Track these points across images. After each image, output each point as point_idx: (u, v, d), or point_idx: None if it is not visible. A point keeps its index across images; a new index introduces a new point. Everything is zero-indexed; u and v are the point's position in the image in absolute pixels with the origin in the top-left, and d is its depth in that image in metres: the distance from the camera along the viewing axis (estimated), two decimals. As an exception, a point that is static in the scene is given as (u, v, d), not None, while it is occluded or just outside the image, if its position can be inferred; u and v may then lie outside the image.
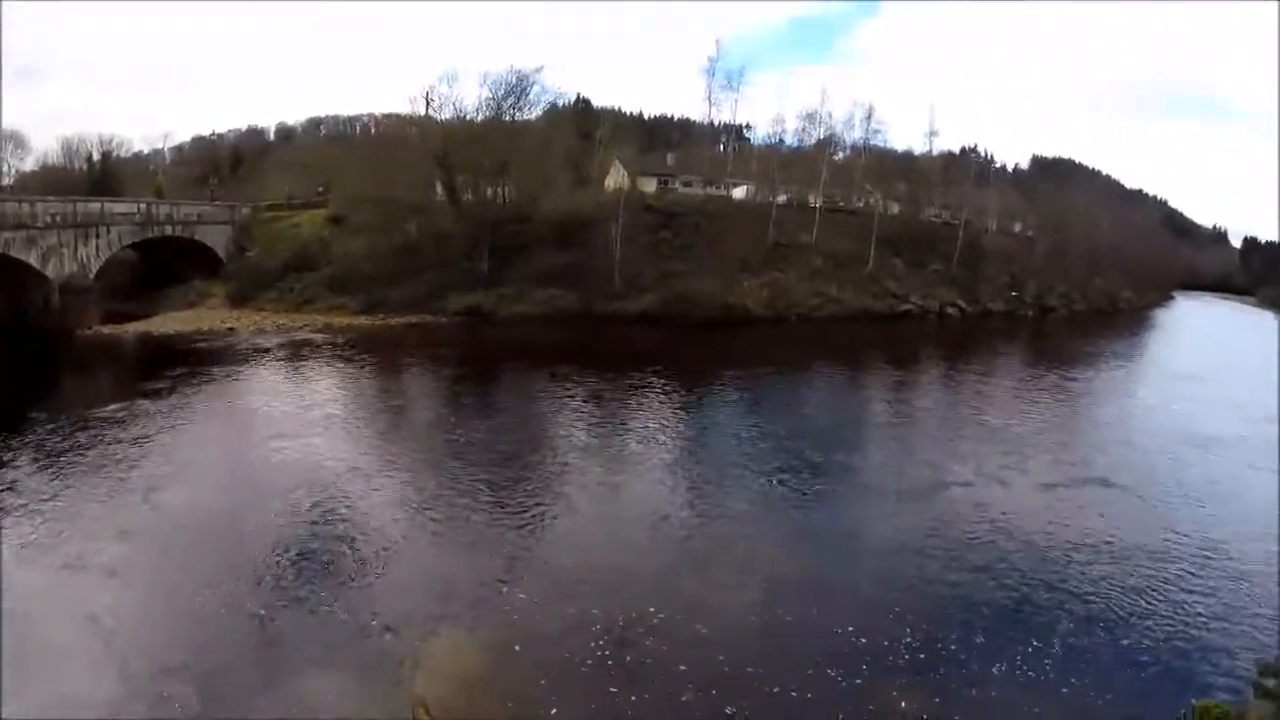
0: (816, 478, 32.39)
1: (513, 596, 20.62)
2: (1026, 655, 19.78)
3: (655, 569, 22.93)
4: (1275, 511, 32.87)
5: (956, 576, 24.14)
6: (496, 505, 26.76)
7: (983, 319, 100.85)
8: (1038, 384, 59.52)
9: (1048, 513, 30.22)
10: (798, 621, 20.23)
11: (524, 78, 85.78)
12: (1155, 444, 43.02)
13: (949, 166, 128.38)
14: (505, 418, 39.04)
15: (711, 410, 43.59)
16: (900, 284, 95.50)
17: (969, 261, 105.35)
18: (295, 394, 40.53)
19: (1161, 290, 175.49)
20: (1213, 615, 23.17)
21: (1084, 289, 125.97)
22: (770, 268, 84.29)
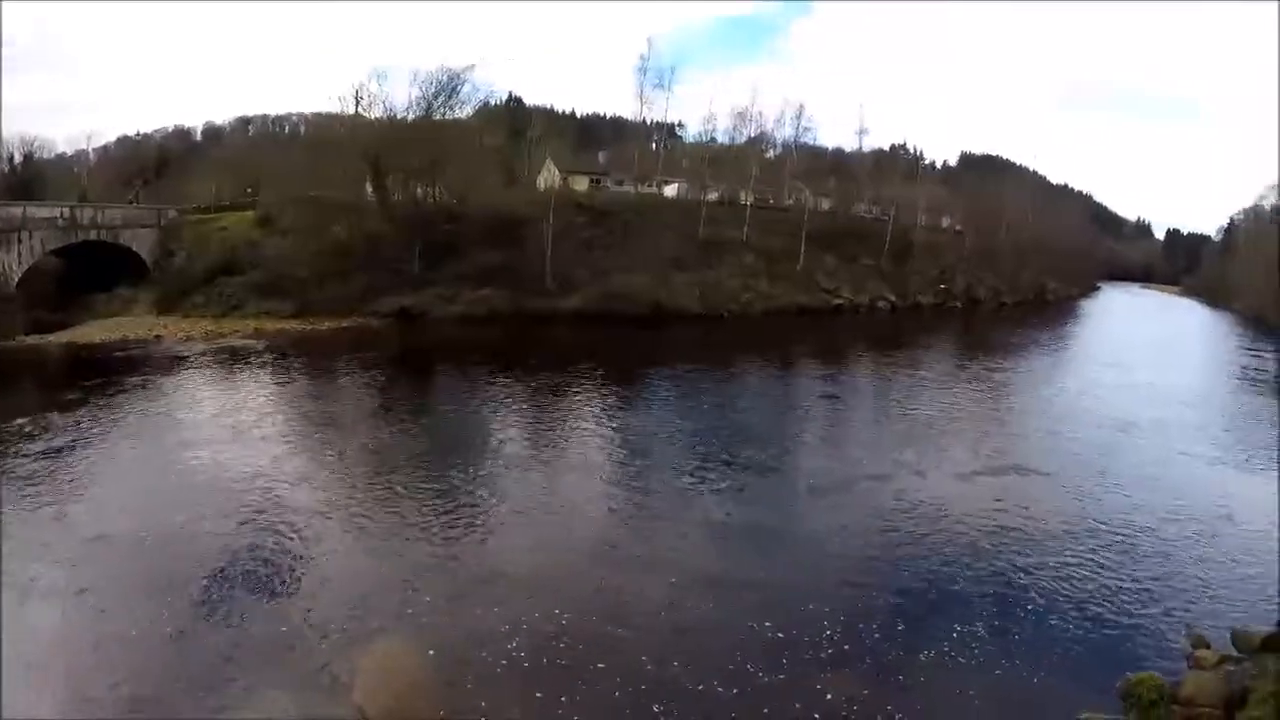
0: (745, 474, 32.50)
1: (448, 601, 20.37)
2: (955, 640, 20.05)
3: (585, 569, 22.80)
4: (1192, 490, 34.29)
5: (882, 567, 24.42)
6: (429, 510, 26.32)
7: (913, 312, 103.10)
8: (965, 375, 60.84)
9: (973, 501, 30.71)
10: (724, 617, 20.31)
11: (455, 76, 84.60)
12: (1077, 430, 44.14)
13: (879, 163, 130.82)
14: (437, 422, 38.59)
15: (642, 408, 43.53)
16: (831, 279, 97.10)
17: (899, 256, 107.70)
18: (222, 403, 39.07)
19: (1087, 281, 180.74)
20: (1141, 592, 23.89)
21: (1012, 281, 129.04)
22: (702, 265, 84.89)
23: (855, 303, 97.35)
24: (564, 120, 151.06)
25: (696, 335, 72.87)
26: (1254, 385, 66.39)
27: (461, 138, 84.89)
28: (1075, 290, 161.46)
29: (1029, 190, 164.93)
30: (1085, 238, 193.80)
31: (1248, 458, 41.42)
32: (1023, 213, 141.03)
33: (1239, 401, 58.54)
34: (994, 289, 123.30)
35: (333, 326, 62.23)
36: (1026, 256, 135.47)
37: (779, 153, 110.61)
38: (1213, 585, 24.90)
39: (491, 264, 69.92)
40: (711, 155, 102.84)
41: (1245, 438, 45.73)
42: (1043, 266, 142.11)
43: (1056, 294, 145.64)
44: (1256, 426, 49.59)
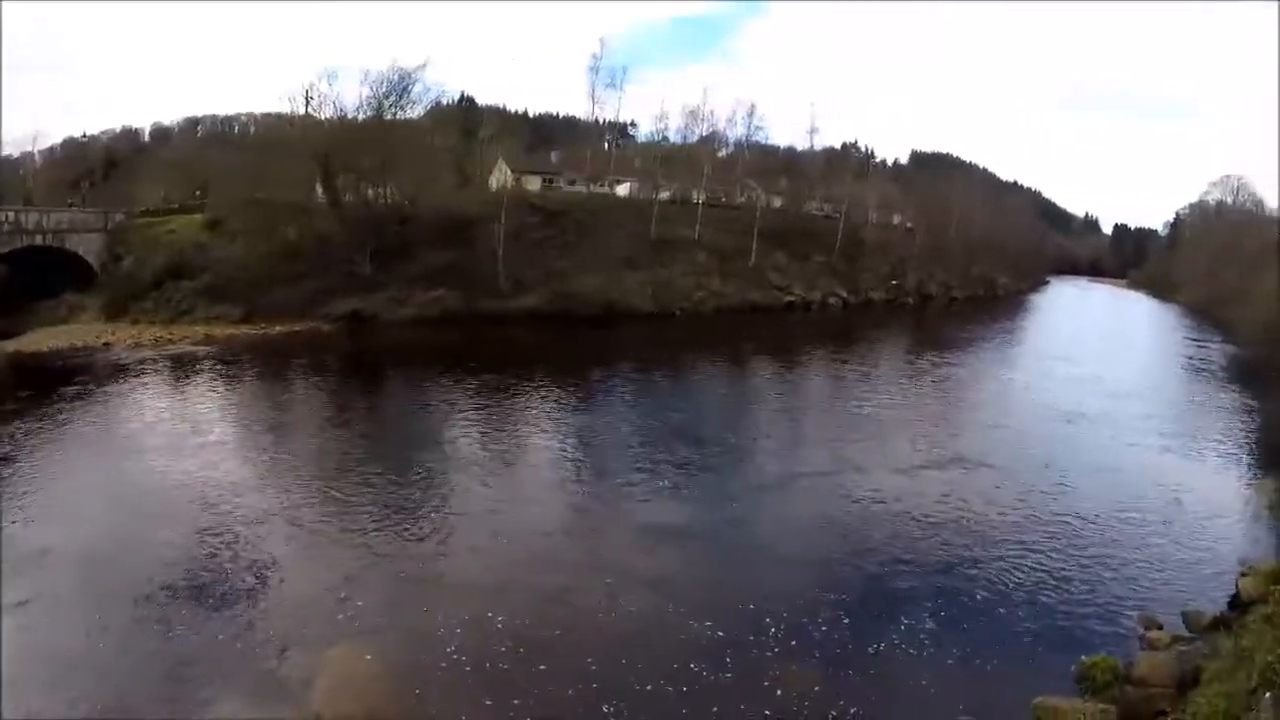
0: (695, 473, 32.68)
1: (401, 606, 20.33)
2: (907, 632, 20.46)
3: (536, 571, 22.72)
4: (1139, 478, 35.43)
5: (833, 562, 24.70)
6: (381, 516, 26.17)
7: (865, 308, 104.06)
8: (915, 370, 61.95)
9: (923, 495, 31.19)
10: (673, 616, 20.44)
11: (406, 75, 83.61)
12: (1026, 423, 45.14)
13: (830, 161, 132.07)
14: (389, 426, 38.52)
15: (593, 409, 43.64)
16: (783, 276, 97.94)
17: (850, 253, 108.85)
18: (171, 412, 38.32)
19: (1037, 275, 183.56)
20: (1092, 578, 24.55)
21: (962, 276, 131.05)
22: (654, 264, 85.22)
23: (807, 300, 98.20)
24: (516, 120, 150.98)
25: (649, 334, 73.16)
26: (1199, 375, 68.42)
27: (413, 138, 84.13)
28: (1025, 284, 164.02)
29: (979, 187, 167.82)
30: (1034, 233, 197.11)
31: (1193, 445, 42.82)
32: (973, 209, 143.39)
33: (1184, 391, 60.39)
34: (945, 284, 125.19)
35: (284, 331, 61.20)
36: (977, 252, 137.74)
37: (731, 151, 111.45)
38: (1162, 569, 25.68)
39: (443, 265, 69.55)
40: (664, 154, 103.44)
41: (1190, 426, 47.18)
42: (993, 261, 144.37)
43: (1007, 288, 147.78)
44: (1201, 415, 51.26)
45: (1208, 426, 47.59)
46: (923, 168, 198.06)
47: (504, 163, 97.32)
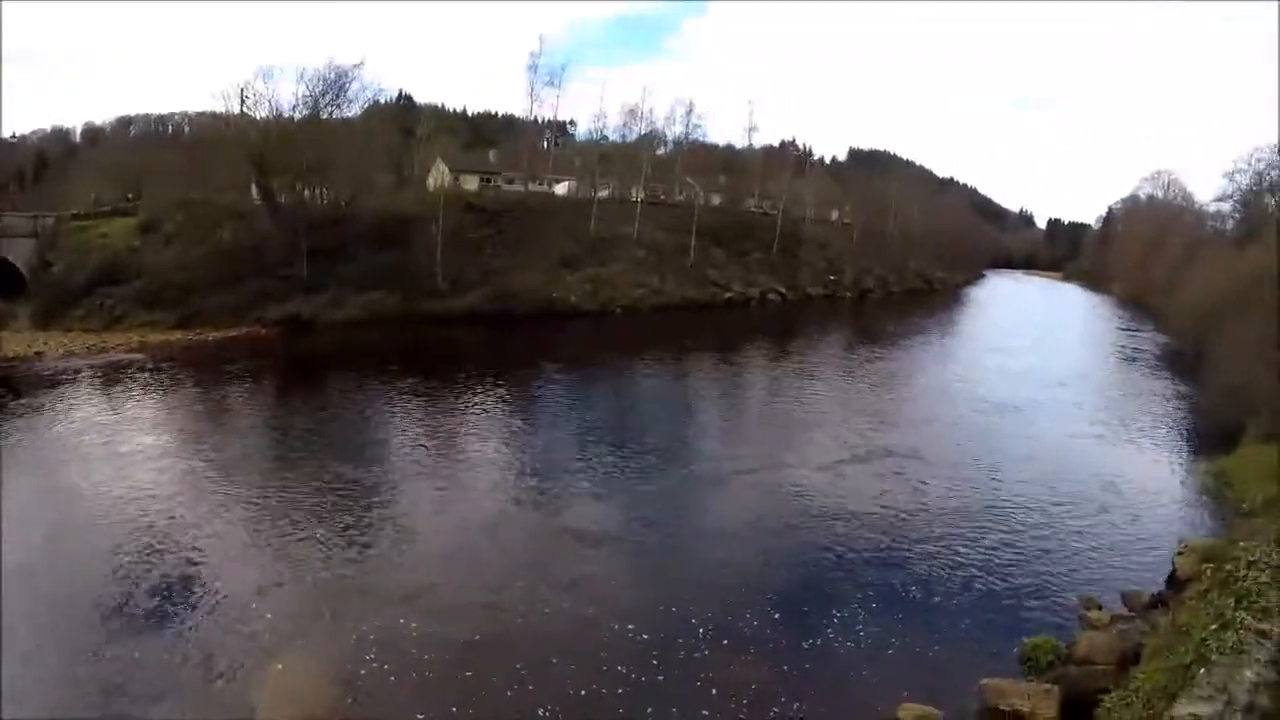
0: (637, 472, 32.86)
1: (343, 615, 20.11)
2: (852, 622, 20.91)
3: (477, 577, 22.63)
4: (1076, 465, 36.84)
5: (775, 557, 25.12)
6: (322, 525, 25.90)
7: (803, 303, 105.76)
8: (853, 365, 63.13)
9: (864, 488, 31.82)
10: (616, 616, 20.50)
11: (343, 74, 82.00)
12: (963, 414, 46.46)
13: (769, 159, 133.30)
14: (327, 433, 37.62)
15: (534, 410, 43.77)
16: (722, 273, 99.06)
17: (788, 249, 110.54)
18: (106, 423, 37.24)
19: (973, 269, 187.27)
20: (1032, 563, 25.45)
21: (899, 271, 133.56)
22: (593, 262, 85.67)
23: (746, 296, 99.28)
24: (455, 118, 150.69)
25: (589, 332, 73.71)
26: (1131, 364, 71.17)
27: (350, 137, 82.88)
28: (961, 278, 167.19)
29: (916, 184, 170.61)
30: (971, 228, 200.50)
31: (1128, 432, 44.64)
32: (910, 205, 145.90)
33: (1118, 380, 62.86)
34: (882, 279, 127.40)
35: (220, 336, 60.19)
36: (914, 247, 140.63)
37: (670, 150, 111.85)
38: (1101, 552, 26.78)
39: (381, 266, 69.07)
40: (603, 153, 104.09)
41: (1125, 414, 49.05)
42: (930, 256, 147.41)
43: (943, 282, 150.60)
44: (1135, 402, 53.31)
45: (1141, 413, 49.54)
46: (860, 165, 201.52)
47: (442, 162, 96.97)
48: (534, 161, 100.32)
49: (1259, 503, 27.71)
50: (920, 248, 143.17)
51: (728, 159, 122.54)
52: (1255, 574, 15.48)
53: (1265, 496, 27.73)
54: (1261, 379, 39.41)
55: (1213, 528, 28.93)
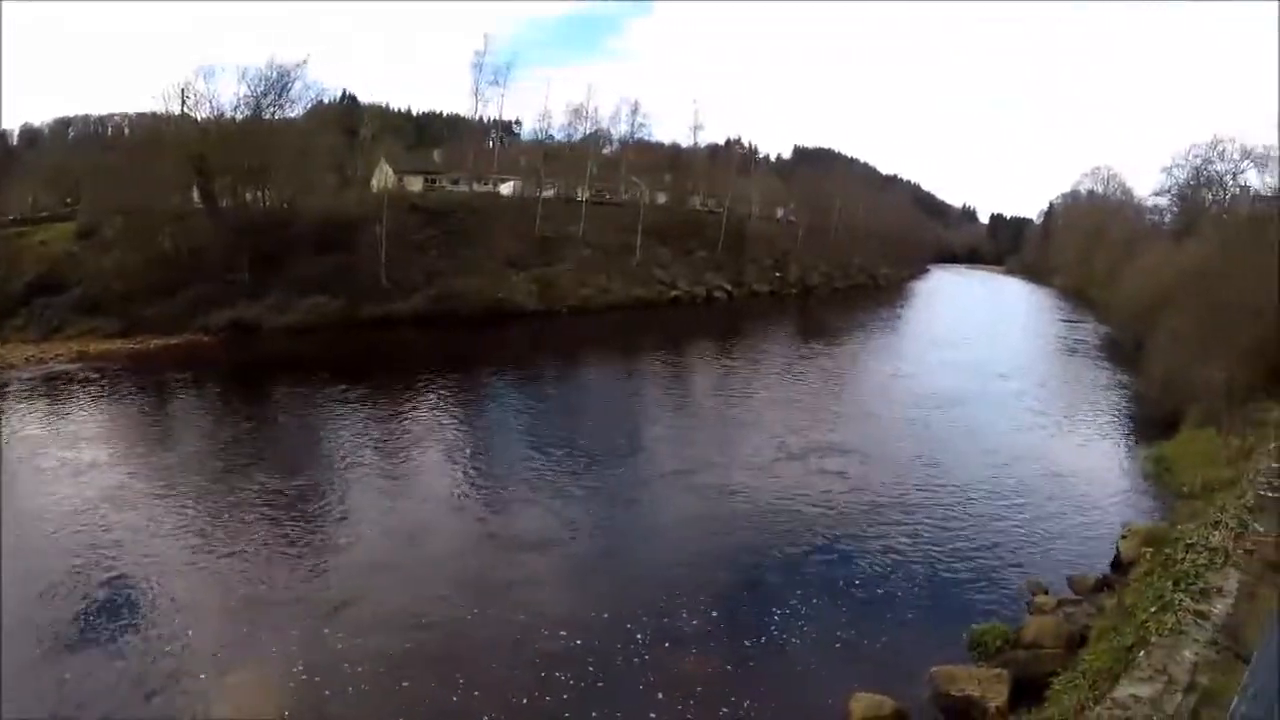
0: (584, 473, 32.69)
1: (289, 629, 19.71)
2: (804, 614, 21.09)
3: (424, 586, 22.30)
4: (1019, 454, 37.64)
5: (725, 553, 25.14)
6: (271, 536, 25.41)
7: (749, 300, 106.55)
8: (798, 361, 63.65)
9: (809, 484, 32.00)
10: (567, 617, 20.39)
11: (285, 73, 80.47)
12: (909, 407, 47.13)
13: (714, 158, 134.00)
14: (275, 441, 37.22)
15: (482, 413, 43.72)
16: (668, 271, 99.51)
17: (734, 247, 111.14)
18: (46, 436, 36.17)
19: (917, 264, 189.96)
20: (979, 551, 25.91)
21: (844, 267, 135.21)
22: (539, 262, 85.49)
23: (692, 294, 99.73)
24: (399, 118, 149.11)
25: (535, 334, 73.29)
26: (1073, 354, 73.10)
27: (292, 138, 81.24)
28: (906, 273, 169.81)
29: (860, 181, 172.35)
30: (914, 224, 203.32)
31: (1071, 421, 45.78)
32: (854, 202, 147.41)
33: (1060, 370, 64.68)
34: (827, 275, 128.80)
35: (162, 344, 58.51)
36: (858, 243, 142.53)
37: (615, 149, 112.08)
38: (1047, 538, 27.38)
39: (325, 270, 68.03)
40: (548, 152, 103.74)
41: (1067, 403, 50.49)
42: (874, 252, 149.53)
43: (888, 277, 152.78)
44: (1077, 392, 54.91)
45: (1084, 403, 50.85)
46: (805, 163, 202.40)
47: (386, 163, 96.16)
48: (479, 161, 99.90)
49: (1198, 486, 28.60)
50: (864, 244, 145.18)
51: (673, 158, 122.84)
52: (1193, 557, 15.97)
53: (1204, 480, 28.65)
54: (1198, 368, 40.55)
55: (1154, 511, 29.77)
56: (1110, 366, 63.96)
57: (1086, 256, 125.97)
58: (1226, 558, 15.01)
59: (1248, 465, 25.14)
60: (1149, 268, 71.11)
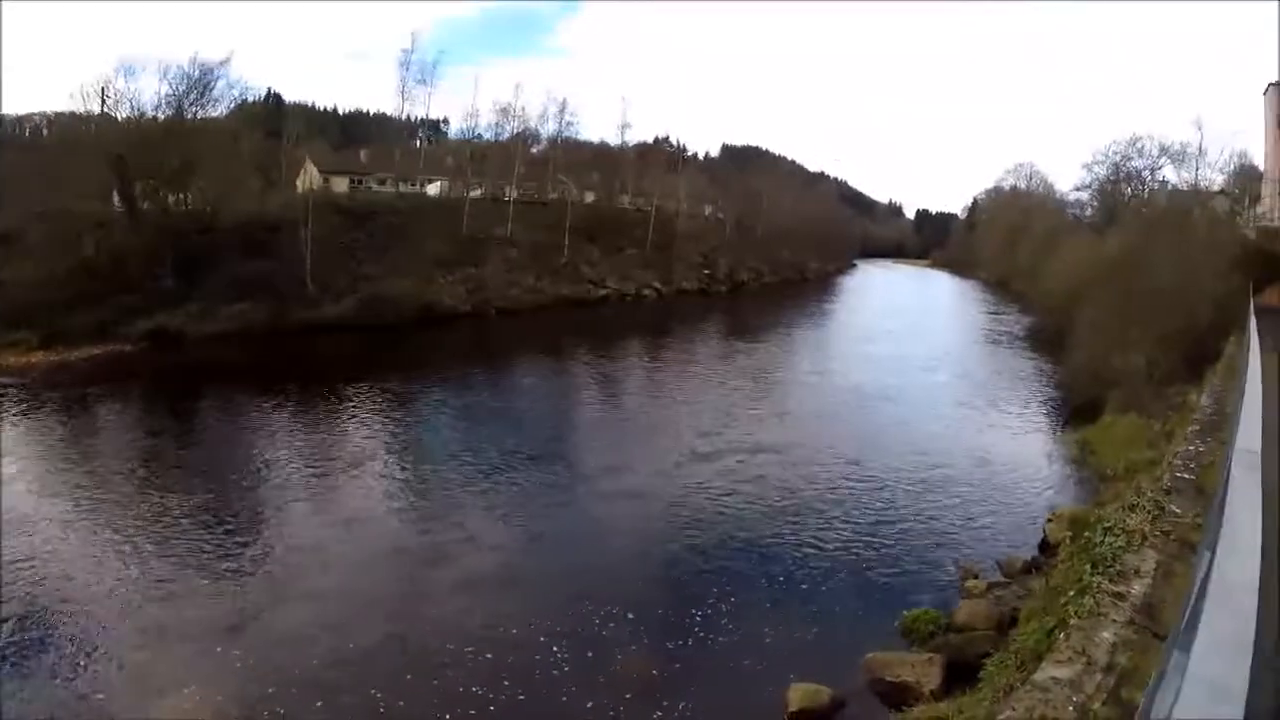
0: (520, 476, 32.25)
1: (235, 647, 19.04)
2: (737, 608, 21.11)
3: (363, 601, 21.66)
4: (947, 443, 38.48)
5: (656, 552, 24.75)
6: (204, 552, 24.28)
7: (678, 298, 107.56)
8: (725, 359, 64.30)
9: (738, 480, 31.80)
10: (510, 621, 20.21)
11: (207, 71, 78.03)
12: (836, 401, 47.89)
13: (642, 156, 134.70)
14: (202, 453, 35.99)
15: (415, 418, 43.00)
16: (596, 270, 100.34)
17: (663, 245, 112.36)
18: None
19: (845, 258, 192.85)
20: (910, 539, 26.23)
21: (772, 262, 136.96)
22: (467, 263, 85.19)
23: (622, 292, 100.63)
24: (325, 117, 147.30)
25: (464, 336, 73.04)
26: (998, 345, 75.01)
27: (216, 139, 78.60)
28: (833, 267, 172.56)
29: (786, 178, 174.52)
30: (842, 219, 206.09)
31: (997, 409, 46.84)
32: (781, 198, 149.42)
33: (985, 360, 66.17)
34: (756, 271, 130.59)
35: (83, 356, 55.77)
36: (786, 239, 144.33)
37: (543, 148, 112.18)
38: (976, 524, 27.86)
39: (250, 275, 66.13)
40: (475, 151, 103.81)
41: (993, 392, 51.57)
42: (802, 247, 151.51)
43: (816, 272, 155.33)
44: (1002, 380, 56.29)
45: (1009, 391, 52.13)
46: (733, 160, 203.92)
47: (311, 163, 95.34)
48: (405, 161, 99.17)
49: (1121, 469, 28.76)
50: (793, 239, 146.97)
51: (601, 156, 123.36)
52: (1111, 540, 15.78)
53: (1127, 463, 28.85)
54: (1119, 354, 42.03)
55: (1080, 494, 30.46)
56: (1034, 356, 65.67)
57: (1010, 249, 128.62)
58: (1144, 539, 15.00)
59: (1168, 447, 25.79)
60: (1071, 259, 72.68)
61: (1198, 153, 79.90)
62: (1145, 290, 44.26)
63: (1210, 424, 22.11)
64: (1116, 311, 45.73)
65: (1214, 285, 44.84)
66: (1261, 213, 69.03)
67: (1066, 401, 47.58)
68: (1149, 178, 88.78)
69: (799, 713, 16.59)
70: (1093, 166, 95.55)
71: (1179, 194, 78.58)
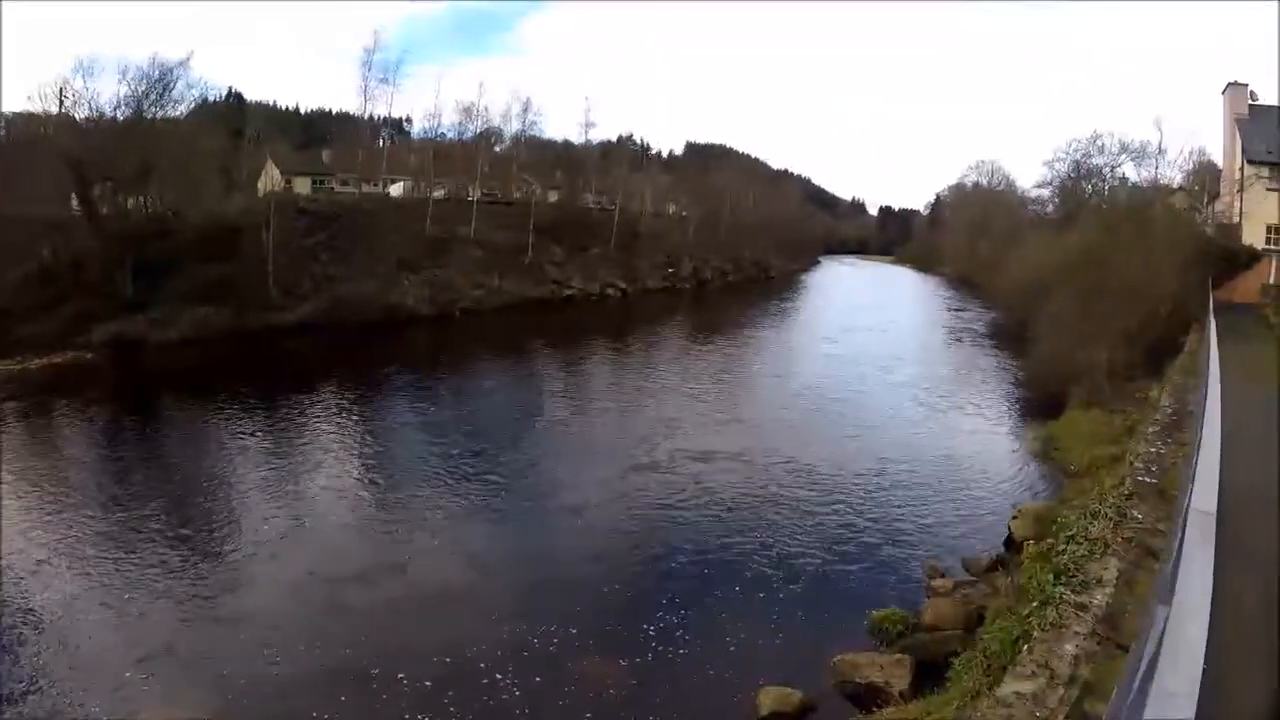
0: (486, 478, 32.23)
1: (203, 655, 19.14)
2: (705, 611, 21.37)
3: (331, 604, 21.85)
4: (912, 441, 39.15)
5: (624, 555, 25.27)
6: (169, 561, 24.26)
7: (643, 296, 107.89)
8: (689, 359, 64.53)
9: (706, 481, 31.80)
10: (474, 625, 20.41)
11: (167, 71, 76.49)
12: (800, 400, 47.95)
13: (606, 155, 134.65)
14: (163, 462, 35.34)
15: (380, 422, 43.01)
16: (561, 270, 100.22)
17: (626, 244, 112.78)
18: None
19: (808, 256, 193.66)
20: (877, 538, 26.50)
21: (736, 260, 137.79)
22: (430, 264, 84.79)
23: (586, 292, 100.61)
24: (287, 117, 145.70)
25: (430, 337, 72.77)
26: (961, 340, 76.19)
27: (176, 140, 76.39)
28: (797, 265, 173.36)
29: (750, 175, 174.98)
30: (805, 216, 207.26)
31: (962, 405, 47.71)
32: (745, 196, 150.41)
33: (949, 356, 67.14)
34: (719, 269, 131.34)
35: (43, 364, 54.09)
36: (749, 236, 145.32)
37: (507, 147, 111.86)
38: (942, 522, 28.36)
39: (211, 279, 65.07)
40: (438, 151, 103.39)
41: (956, 388, 52.70)
42: (765, 245, 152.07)
43: (779, 270, 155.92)
44: (965, 376, 57.20)
45: (973, 387, 53.10)
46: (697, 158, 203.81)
47: (273, 164, 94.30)
48: (368, 161, 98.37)
49: (1085, 464, 29.45)
50: (756, 237, 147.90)
51: (565, 155, 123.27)
52: (1073, 549, 15.90)
53: (1090, 458, 29.47)
54: (1081, 349, 42.63)
55: (1044, 490, 30.84)
56: (997, 352, 66.76)
57: (972, 245, 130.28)
58: (1106, 548, 15.11)
59: (1130, 443, 25.94)
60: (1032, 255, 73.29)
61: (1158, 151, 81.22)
62: (1107, 285, 44.94)
63: (1170, 424, 22.28)
64: (1078, 307, 46.34)
65: (1174, 281, 45.75)
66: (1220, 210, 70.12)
67: (1030, 397, 48.22)
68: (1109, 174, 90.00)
69: (770, 716, 16.77)
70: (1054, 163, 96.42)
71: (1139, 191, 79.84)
